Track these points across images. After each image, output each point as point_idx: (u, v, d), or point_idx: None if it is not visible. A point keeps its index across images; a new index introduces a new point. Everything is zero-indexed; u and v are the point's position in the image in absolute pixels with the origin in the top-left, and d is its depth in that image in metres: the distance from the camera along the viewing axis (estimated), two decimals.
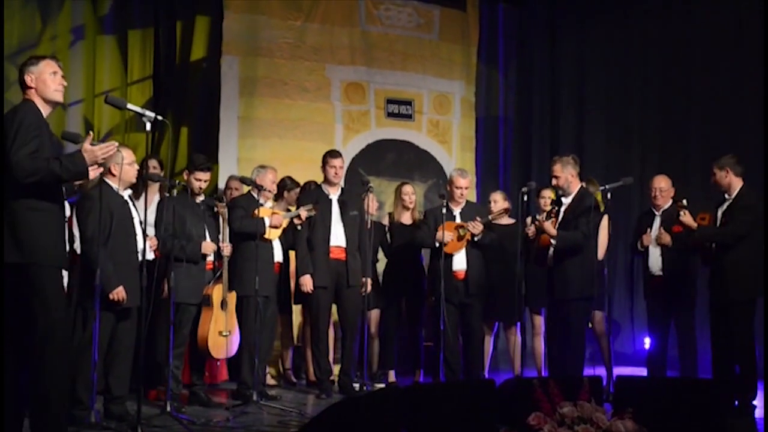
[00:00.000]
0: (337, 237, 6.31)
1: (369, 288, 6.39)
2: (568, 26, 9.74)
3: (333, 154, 6.48)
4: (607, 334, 6.79)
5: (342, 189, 6.42)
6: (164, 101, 7.87)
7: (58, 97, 4.10)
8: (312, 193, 6.50)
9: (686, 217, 5.77)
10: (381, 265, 7.12)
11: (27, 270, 3.85)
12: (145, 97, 7.88)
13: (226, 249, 5.81)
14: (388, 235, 7.04)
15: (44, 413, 3.85)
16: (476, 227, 6.23)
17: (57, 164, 3.86)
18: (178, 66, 8.13)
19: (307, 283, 6.24)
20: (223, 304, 5.77)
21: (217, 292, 5.74)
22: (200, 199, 5.81)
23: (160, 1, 8.10)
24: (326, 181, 6.40)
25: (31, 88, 4.03)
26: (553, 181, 6.04)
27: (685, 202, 5.80)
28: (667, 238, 6.12)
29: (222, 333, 5.76)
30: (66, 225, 4.49)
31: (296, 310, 7.06)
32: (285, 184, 6.87)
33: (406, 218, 7.00)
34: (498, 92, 9.88)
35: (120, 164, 4.97)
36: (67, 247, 5.03)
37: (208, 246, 5.72)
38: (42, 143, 3.89)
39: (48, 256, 3.92)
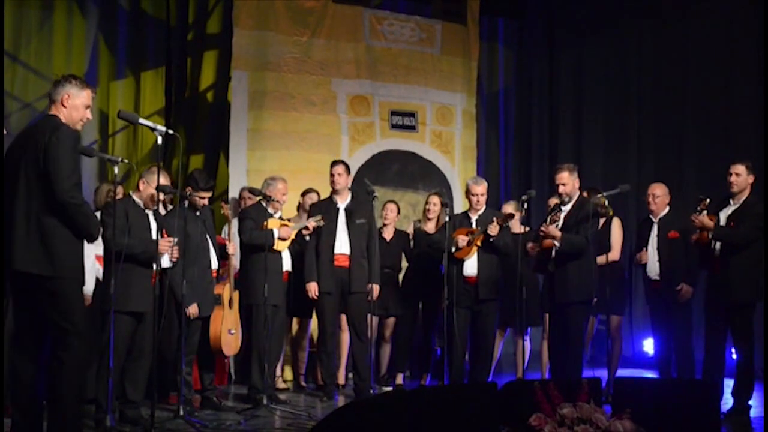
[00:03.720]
0: (342, 245, 6.45)
1: (376, 295, 6.50)
2: (567, 39, 9.87)
3: (333, 162, 6.64)
4: (621, 338, 6.91)
5: (351, 197, 6.55)
6: (175, 128, 8.07)
7: (79, 128, 4.21)
8: (322, 203, 6.65)
9: (703, 217, 5.83)
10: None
11: (54, 282, 3.96)
12: None
13: (231, 248, 5.97)
14: (411, 243, 7.18)
15: (60, 420, 3.97)
16: (493, 229, 6.35)
17: (86, 209, 4.03)
18: (188, 96, 8.37)
19: (312, 289, 6.39)
20: (230, 303, 5.96)
21: (226, 291, 5.92)
22: (197, 213, 5.88)
23: (173, 41, 8.34)
24: (332, 189, 6.57)
25: (63, 107, 4.09)
26: (561, 189, 6.07)
27: (708, 201, 5.87)
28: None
29: (230, 331, 5.94)
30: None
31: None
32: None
33: (430, 227, 7.14)
34: (498, 103, 10.04)
35: (146, 184, 5.22)
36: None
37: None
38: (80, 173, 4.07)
39: (75, 270, 4.05)
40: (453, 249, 6.43)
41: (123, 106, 8.02)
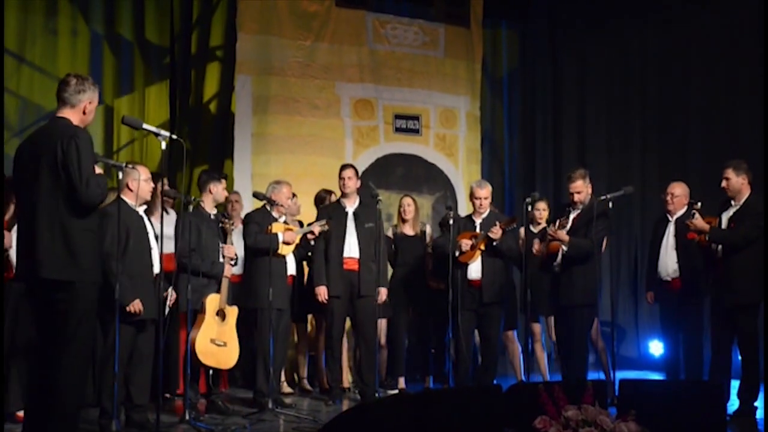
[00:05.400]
0: (351, 248, 6.45)
1: (383, 297, 6.50)
2: (569, 41, 9.87)
3: (343, 166, 6.65)
4: (603, 340, 6.90)
5: (360, 201, 6.52)
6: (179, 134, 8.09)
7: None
8: (329, 207, 6.66)
9: (698, 220, 5.83)
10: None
11: (77, 287, 3.96)
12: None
13: (229, 250, 5.89)
14: (392, 246, 7.18)
15: (61, 420, 3.95)
16: (496, 233, 6.35)
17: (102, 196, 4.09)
18: (192, 106, 8.39)
19: (321, 293, 6.39)
20: (220, 314, 5.81)
21: (213, 300, 5.78)
22: (213, 213, 5.97)
23: (177, 55, 8.38)
24: (341, 193, 6.58)
25: (84, 113, 4.11)
26: (576, 197, 6.09)
27: (699, 205, 5.87)
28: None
29: (215, 342, 5.76)
30: None
31: (309, 319, 7.23)
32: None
33: (407, 229, 7.18)
34: (502, 106, 10.04)
35: (137, 180, 5.18)
36: None
37: (228, 268, 5.86)
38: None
39: (95, 274, 4.09)
40: (457, 253, 6.44)
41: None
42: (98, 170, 4.20)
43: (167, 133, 4.68)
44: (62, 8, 7.85)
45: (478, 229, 6.56)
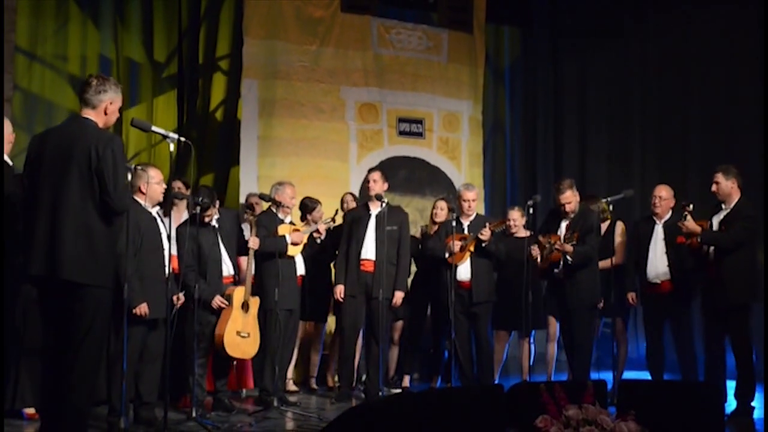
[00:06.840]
0: (368, 250, 6.51)
1: (398, 301, 6.54)
2: (570, 47, 9.94)
3: (370, 170, 6.78)
4: (626, 341, 6.99)
5: (384, 204, 6.50)
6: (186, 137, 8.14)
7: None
8: (356, 210, 6.74)
9: (689, 222, 5.92)
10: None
11: (96, 290, 3.96)
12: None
13: (254, 242, 5.96)
14: (419, 246, 7.22)
15: (73, 421, 3.98)
16: (485, 234, 6.43)
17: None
18: (200, 112, 8.46)
19: (338, 291, 6.50)
20: (245, 306, 5.89)
21: (238, 293, 5.86)
22: (215, 219, 5.96)
23: (186, 64, 8.44)
24: (367, 196, 6.66)
25: (105, 114, 4.07)
26: (568, 207, 6.23)
27: (691, 207, 5.95)
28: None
29: (240, 333, 5.85)
30: None
31: (331, 319, 7.28)
32: (306, 206, 7.01)
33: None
34: (504, 110, 10.11)
35: (148, 183, 5.25)
36: None
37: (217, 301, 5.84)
38: None
39: (112, 279, 4.10)
40: (447, 254, 6.53)
41: (136, 132, 8.04)
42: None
43: (176, 136, 4.72)
44: (72, 16, 7.95)
45: (466, 231, 6.65)
